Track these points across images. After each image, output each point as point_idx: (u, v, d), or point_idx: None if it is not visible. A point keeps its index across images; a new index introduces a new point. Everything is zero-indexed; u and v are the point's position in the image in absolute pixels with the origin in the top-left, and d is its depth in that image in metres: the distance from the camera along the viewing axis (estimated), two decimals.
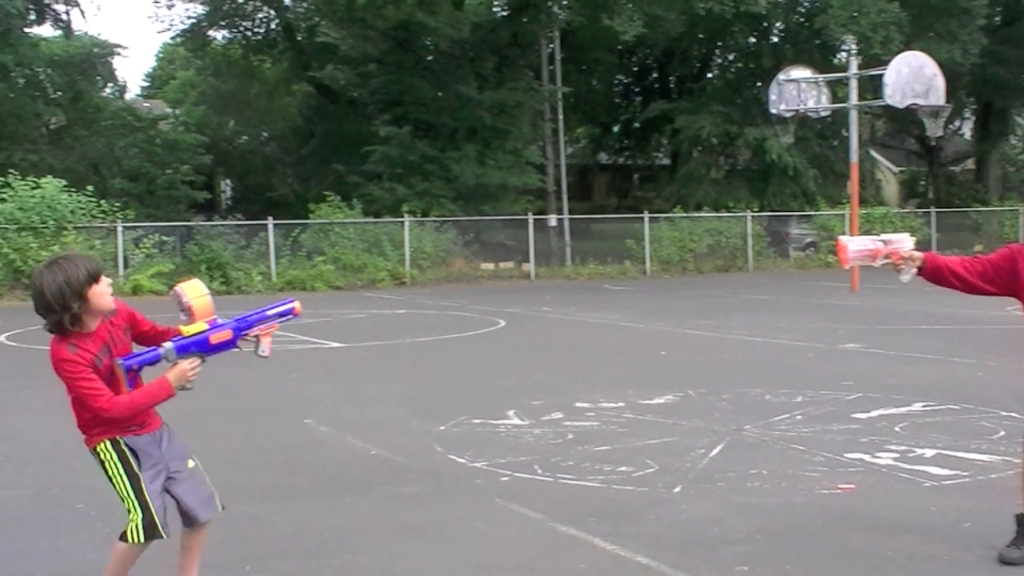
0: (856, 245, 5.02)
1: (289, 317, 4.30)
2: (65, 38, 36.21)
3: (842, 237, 5.14)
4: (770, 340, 13.91)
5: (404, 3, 31.97)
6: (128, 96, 46.57)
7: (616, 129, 47.77)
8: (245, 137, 44.79)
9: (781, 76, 24.38)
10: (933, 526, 5.54)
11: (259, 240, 26.38)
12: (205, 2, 37.37)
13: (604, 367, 11.85)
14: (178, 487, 4.20)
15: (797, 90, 23.94)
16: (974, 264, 5.00)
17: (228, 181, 44.24)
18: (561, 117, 35.37)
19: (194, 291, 4.11)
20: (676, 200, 34.73)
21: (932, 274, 4.96)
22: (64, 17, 34.82)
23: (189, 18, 38.36)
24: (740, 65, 41.90)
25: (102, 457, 4.09)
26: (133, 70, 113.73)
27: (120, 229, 24.50)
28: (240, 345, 4.19)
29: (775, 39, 39.23)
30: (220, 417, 8.83)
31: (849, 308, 18.63)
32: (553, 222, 32.00)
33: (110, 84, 41.45)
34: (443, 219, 28.80)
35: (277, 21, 39.00)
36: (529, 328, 16.42)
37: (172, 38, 41.92)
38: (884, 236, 5.04)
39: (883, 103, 22.68)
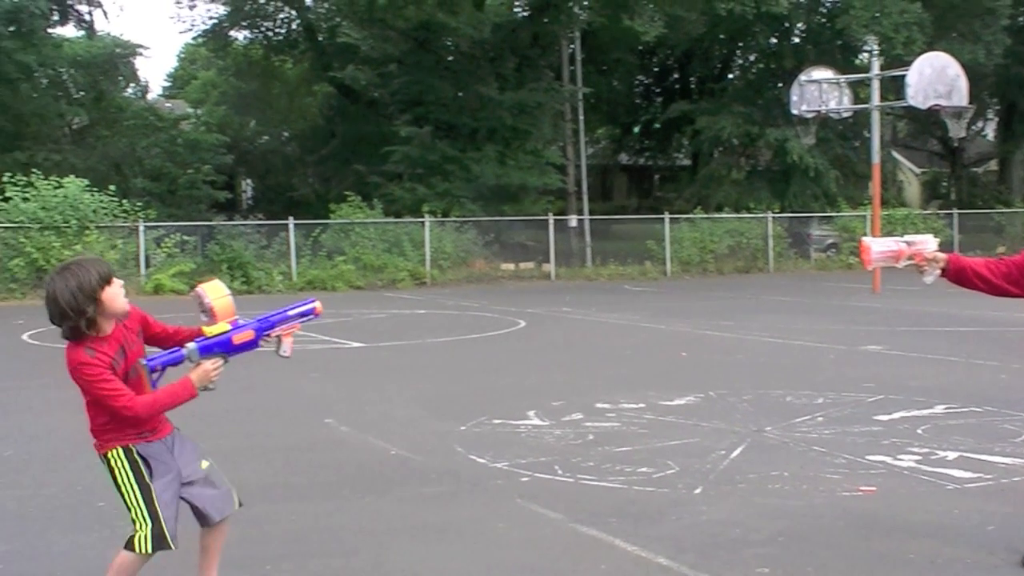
0: (879, 246, 4.99)
1: (310, 317, 4.29)
2: (88, 38, 36.45)
3: (865, 238, 5.11)
4: (791, 341, 13.87)
5: (425, 3, 32.00)
6: (150, 96, 47.00)
7: (636, 130, 47.64)
8: (266, 137, 44.94)
9: (802, 77, 24.27)
10: (956, 529, 5.49)
11: (280, 240, 26.47)
12: (227, 2, 37.56)
13: (624, 368, 11.83)
14: (191, 491, 4.18)
15: (819, 91, 23.82)
16: (998, 265, 4.96)
17: (249, 181, 44.34)
18: (581, 117, 35.33)
19: (215, 292, 4.10)
20: (697, 201, 34.68)
21: (956, 275, 4.93)
22: (87, 18, 35.18)
23: (211, 18, 38.69)
24: (761, 66, 41.77)
25: (112, 464, 4.04)
26: (155, 70, 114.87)
27: (142, 228, 24.63)
28: (262, 345, 4.18)
29: (796, 39, 39.11)
30: (241, 416, 8.87)
31: (871, 310, 18.54)
32: (573, 223, 31.95)
33: (132, 84, 41.79)
34: (463, 219, 28.84)
35: (298, 21, 39.17)
36: (549, 329, 16.41)
37: (194, 38, 42.24)
38: (908, 237, 5.00)
39: (905, 104, 22.53)
